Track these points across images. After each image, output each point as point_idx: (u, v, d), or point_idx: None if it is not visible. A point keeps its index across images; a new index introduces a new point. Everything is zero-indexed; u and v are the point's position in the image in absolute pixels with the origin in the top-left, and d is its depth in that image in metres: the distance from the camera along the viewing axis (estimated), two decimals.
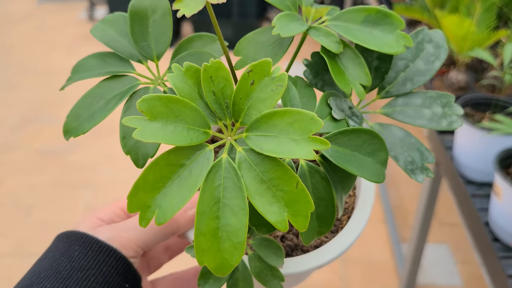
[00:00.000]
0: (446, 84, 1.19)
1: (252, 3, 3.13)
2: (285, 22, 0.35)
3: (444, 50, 0.40)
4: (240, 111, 0.30)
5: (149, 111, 0.28)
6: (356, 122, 0.37)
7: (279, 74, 0.29)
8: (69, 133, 0.35)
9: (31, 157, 2.25)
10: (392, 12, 0.37)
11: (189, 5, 0.31)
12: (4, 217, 1.89)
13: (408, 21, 1.63)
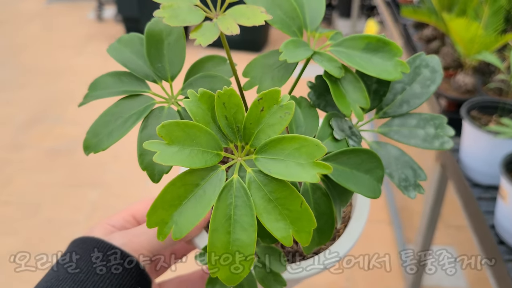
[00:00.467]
0: (453, 87, 1.19)
1: None
2: (291, 48, 0.38)
3: (439, 75, 0.43)
4: (250, 134, 0.33)
5: (168, 136, 0.31)
6: (355, 141, 0.40)
7: (287, 103, 0.32)
8: (89, 149, 0.38)
9: (39, 156, 2.27)
10: (391, 41, 0.39)
11: (205, 35, 0.33)
12: (13, 215, 1.91)
13: (416, 23, 1.63)
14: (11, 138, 2.40)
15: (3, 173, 2.15)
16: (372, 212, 1.87)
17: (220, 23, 0.34)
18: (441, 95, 1.19)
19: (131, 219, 0.46)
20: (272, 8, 0.40)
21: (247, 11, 0.35)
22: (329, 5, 3.72)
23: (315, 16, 0.42)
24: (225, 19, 0.34)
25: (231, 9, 0.36)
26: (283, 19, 0.40)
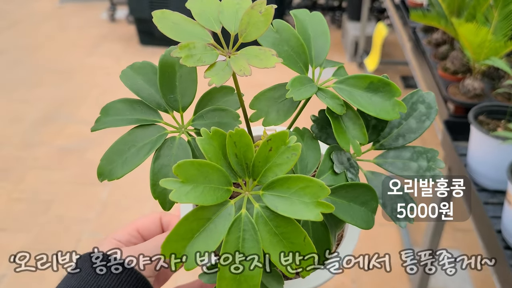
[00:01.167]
0: (462, 91, 1.20)
1: None
2: (297, 86, 0.40)
3: (434, 111, 0.45)
4: (258, 172, 0.35)
5: (183, 175, 0.33)
6: (352, 173, 0.43)
7: (294, 145, 0.34)
8: (103, 176, 0.40)
9: (51, 154, 2.30)
10: (391, 81, 0.41)
11: (219, 75, 0.35)
12: (25, 212, 1.94)
13: (425, 27, 1.64)
14: (24, 136, 2.44)
15: (16, 170, 2.18)
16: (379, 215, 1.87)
17: (233, 63, 0.36)
18: (449, 99, 1.19)
19: (137, 234, 0.48)
20: (280, 43, 0.42)
21: (260, 53, 0.37)
22: (339, 7, 3.73)
23: (321, 51, 0.44)
24: (238, 60, 0.36)
25: (244, 50, 0.37)
26: (290, 55, 0.42)
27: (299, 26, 0.45)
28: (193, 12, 0.39)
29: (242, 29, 0.38)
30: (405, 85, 2.85)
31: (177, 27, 0.37)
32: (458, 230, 1.80)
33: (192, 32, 0.38)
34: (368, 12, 2.89)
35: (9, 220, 1.89)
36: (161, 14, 0.38)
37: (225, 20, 0.39)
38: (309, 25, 0.45)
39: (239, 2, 0.40)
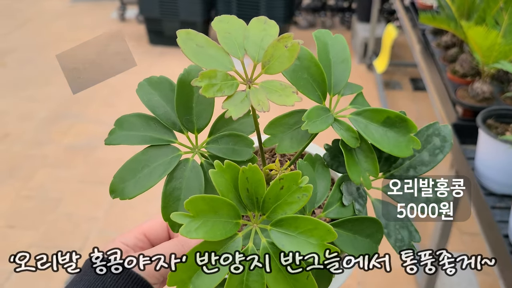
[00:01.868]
0: (471, 94, 1.19)
1: (280, 7, 3.14)
2: (313, 118, 0.40)
3: (449, 144, 0.45)
4: (268, 208, 0.36)
5: (194, 210, 0.34)
6: (360, 204, 0.43)
7: (306, 186, 0.35)
8: (115, 193, 0.40)
9: (60, 152, 2.31)
10: (408, 118, 0.41)
11: (237, 107, 0.35)
12: (33, 209, 1.96)
13: (434, 29, 1.63)
14: (34, 134, 2.46)
15: (25, 168, 2.20)
16: None
17: (253, 96, 0.36)
18: (457, 103, 1.19)
19: (143, 237, 0.49)
20: (300, 70, 0.42)
21: (280, 88, 0.36)
22: (349, 9, 3.72)
23: (340, 79, 0.44)
24: (257, 93, 0.36)
25: (265, 82, 0.37)
26: (309, 83, 0.42)
27: (321, 50, 0.44)
28: (219, 35, 0.39)
29: (266, 60, 0.37)
30: (414, 87, 2.85)
31: (200, 51, 0.37)
32: (465, 234, 1.79)
33: (215, 57, 0.37)
34: (378, 13, 2.88)
35: (18, 217, 1.91)
36: (186, 35, 0.37)
37: (249, 48, 0.38)
38: (331, 49, 0.44)
39: (266, 28, 0.39)
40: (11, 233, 1.82)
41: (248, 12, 3.17)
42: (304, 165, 0.42)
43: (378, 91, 2.78)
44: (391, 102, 2.70)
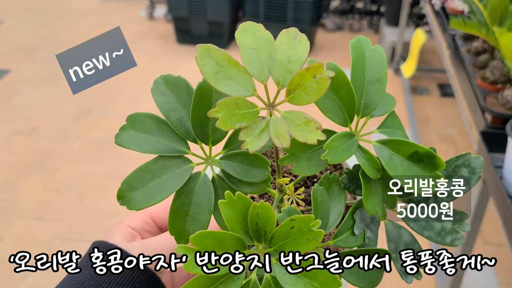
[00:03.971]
0: (501, 102, 1.17)
1: (308, 9, 3.12)
2: (335, 146, 0.38)
3: (476, 177, 0.42)
4: (275, 243, 0.35)
5: (199, 245, 0.33)
6: (372, 231, 0.42)
7: (317, 230, 0.33)
8: (123, 201, 0.39)
9: (86, 146, 2.34)
10: (437, 155, 0.38)
11: (255, 139, 0.33)
12: (59, 202, 1.99)
13: (465, 35, 1.60)
14: (61, 129, 2.49)
15: (52, 161, 2.24)
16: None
17: (273, 128, 0.33)
18: (487, 110, 1.17)
19: (150, 221, 0.49)
20: (329, 91, 0.38)
21: (303, 122, 0.33)
22: (377, 12, 3.68)
23: (372, 101, 0.40)
24: (278, 125, 0.33)
25: (288, 113, 0.34)
26: (337, 106, 0.39)
27: (356, 66, 0.40)
28: (242, 51, 0.35)
29: (291, 89, 0.34)
30: (442, 93, 2.80)
31: (220, 71, 0.33)
32: (490, 244, 1.75)
33: (236, 80, 0.34)
34: (407, 17, 2.84)
35: (43, 209, 1.94)
36: (206, 51, 0.33)
37: (274, 70, 0.35)
38: (367, 64, 0.40)
39: (295, 46, 0.35)
40: (37, 225, 1.86)
41: (276, 13, 3.16)
42: (319, 191, 0.40)
43: (404, 96, 2.75)
44: (417, 107, 2.66)
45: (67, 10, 4.09)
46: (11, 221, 1.90)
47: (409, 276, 0.41)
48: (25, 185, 2.10)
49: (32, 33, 3.63)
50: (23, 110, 2.68)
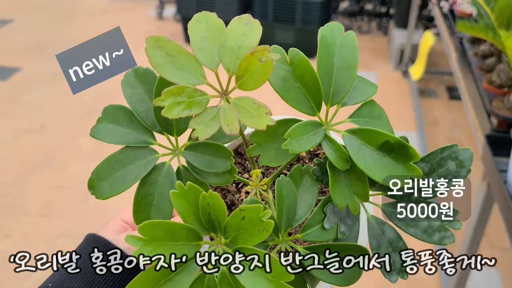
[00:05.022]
0: (507, 105, 1.16)
1: (317, 10, 3.12)
2: (298, 135, 0.36)
3: (465, 171, 0.39)
4: (229, 235, 0.34)
5: (148, 235, 0.33)
6: (347, 225, 0.39)
7: (267, 221, 0.33)
8: (92, 189, 0.39)
9: (93, 145, 2.36)
10: (410, 145, 0.36)
11: (205, 127, 0.32)
12: (65, 200, 2.01)
13: (472, 38, 1.59)
14: (69, 127, 2.52)
15: (60, 159, 2.26)
16: None
17: (222, 116, 0.32)
18: (493, 113, 1.16)
19: None
20: (292, 79, 0.37)
21: (253, 108, 0.32)
22: (386, 14, 3.67)
23: (341, 88, 0.38)
24: (228, 112, 0.33)
25: (238, 99, 0.33)
26: (301, 93, 0.37)
27: (323, 53, 0.38)
28: (192, 39, 0.34)
29: (239, 75, 0.33)
30: (450, 96, 2.78)
31: (170, 61, 0.33)
32: (496, 248, 1.74)
33: (186, 69, 0.33)
34: (416, 20, 2.82)
35: (50, 207, 1.96)
36: (156, 42, 0.33)
37: (225, 57, 0.34)
38: (337, 51, 0.38)
39: (247, 32, 0.34)
40: (43, 222, 1.88)
41: (284, 14, 3.16)
42: (285, 183, 0.38)
43: (412, 99, 2.74)
44: (425, 110, 2.64)
45: (77, 9, 4.11)
46: (18, 217, 1.91)
47: (393, 275, 0.39)
48: (32, 182, 2.12)
49: (42, 32, 3.65)
50: (32, 107, 2.70)
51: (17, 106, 2.74)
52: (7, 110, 2.68)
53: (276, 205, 0.38)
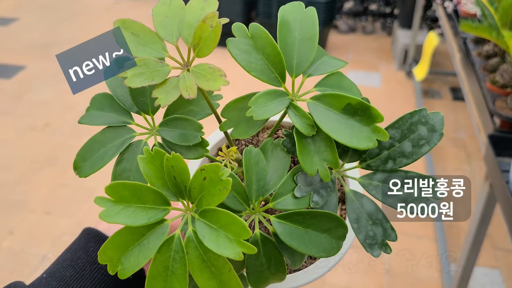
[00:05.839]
0: (510, 106, 1.16)
1: (321, 10, 3.12)
2: (261, 103, 0.37)
3: (438, 135, 0.39)
4: (194, 198, 0.35)
5: (115, 195, 0.34)
6: (321, 196, 0.39)
7: (226, 179, 0.33)
8: (77, 170, 0.42)
9: None
10: (371, 105, 0.36)
11: (167, 95, 0.35)
12: (69, 198, 2.02)
13: (476, 38, 1.59)
14: (73, 125, 2.53)
15: (65, 157, 2.28)
16: (416, 227, 1.84)
17: (182, 82, 0.35)
18: (496, 113, 1.16)
19: None
20: (254, 51, 0.38)
21: (208, 73, 0.35)
22: (391, 14, 3.67)
23: (304, 59, 0.39)
24: (187, 79, 0.35)
25: (196, 66, 0.35)
26: (264, 65, 0.39)
27: (283, 27, 0.40)
28: (155, 19, 0.37)
29: (195, 43, 0.35)
30: (454, 97, 2.77)
31: (134, 39, 0.36)
32: (499, 249, 1.73)
33: (149, 45, 0.36)
34: (420, 20, 2.82)
35: (54, 205, 1.98)
36: (122, 24, 0.37)
37: (183, 31, 0.36)
38: (298, 26, 0.40)
39: (204, 7, 0.37)
40: (47, 219, 1.89)
41: None
42: (254, 152, 0.39)
43: (416, 99, 2.73)
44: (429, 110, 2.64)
45: (81, 8, 4.13)
46: (22, 215, 1.92)
47: (375, 249, 0.39)
48: (36, 180, 2.13)
49: (47, 30, 3.67)
50: (36, 106, 2.71)
51: (21, 105, 2.74)
52: (12, 108, 2.69)
53: (245, 173, 0.39)
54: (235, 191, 0.38)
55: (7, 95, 2.85)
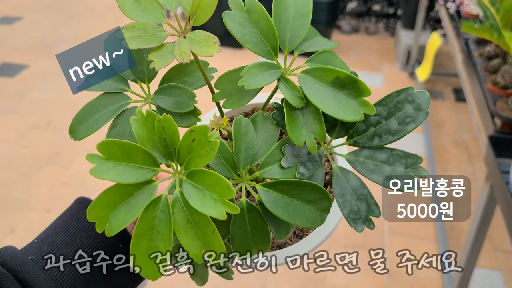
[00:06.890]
0: (511, 107, 1.16)
1: (324, 10, 3.12)
2: (253, 73, 0.39)
3: (423, 114, 0.40)
4: (183, 160, 0.36)
5: (106, 152, 0.35)
6: (307, 168, 0.40)
7: (213, 140, 0.34)
8: (72, 134, 0.43)
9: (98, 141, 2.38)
10: (359, 79, 0.37)
11: (163, 58, 0.36)
12: (70, 196, 2.02)
13: (478, 39, 1.59)
14: None
15: (66, 155, 2.29)
16: (417, 228, 1.84)
17: (177, 47, 0.36)
18: (496, 115, 1.16)
19: None
20: (248, 24, 0.40)
21: (203, 39, 0.36)
22: (394, 15, 3.66)
23: (297, 34, 0.41)
24: (182, 44, 0.36)
25: (192, 33, 0.37)
26: (258, 38, 0.40)
27: (279, 4, 0.41)
28: None
29: (193, 11, 0.37)
30: (456, 98, 2.77)
31: (136, 5, 0.38)
32: (500, 251, 1.73)
33: (149, 11, 0.38)
34: (423, 21, 2.81)
35: (54, 203, 1.98)
36: None
37: (183, 0, 0.38)
38: (293, 3, 0.41)
39: None
40: (47, 217, 1.89)
41: None
42: (244, 122, 0.40)
43: None
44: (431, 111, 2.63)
45: (85, 8, 4.13)
46: (23, 213, 1.93)
47: (359, 224, 0.40)
48: (38, 178, 2.13)
49: (50, 29, 3.68)
50: (39, 104, 2.72)
51: (24, 103, 2.75)
52: (14, 107, 2.70)
53: (234, 141, 0.40)
54: (223, 157, 0.39)
55: (10, 93, 2.86)
